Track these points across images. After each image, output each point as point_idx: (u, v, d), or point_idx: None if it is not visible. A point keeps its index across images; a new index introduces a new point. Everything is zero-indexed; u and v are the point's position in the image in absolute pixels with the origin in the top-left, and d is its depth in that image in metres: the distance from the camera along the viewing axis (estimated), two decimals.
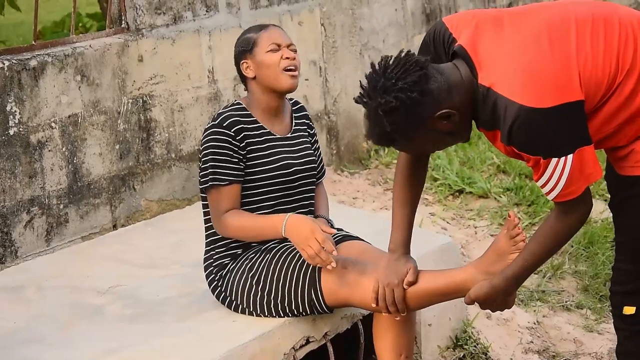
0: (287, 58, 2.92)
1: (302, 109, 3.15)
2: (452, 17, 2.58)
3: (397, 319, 2.78)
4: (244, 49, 2.97)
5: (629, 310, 2.58)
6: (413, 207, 2.78)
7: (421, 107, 2.36)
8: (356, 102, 2.46)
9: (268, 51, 2.93)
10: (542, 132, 2.32)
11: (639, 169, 2.46)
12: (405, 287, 2.71)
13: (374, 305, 2.73)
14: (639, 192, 2.48)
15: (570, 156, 2.33)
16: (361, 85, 2.45)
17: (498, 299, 2.62)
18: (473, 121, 2.52)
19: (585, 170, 2.36)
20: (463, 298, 2.70)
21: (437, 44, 2.55)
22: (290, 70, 2.93)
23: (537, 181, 2.41)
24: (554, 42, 2.37)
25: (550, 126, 2.31)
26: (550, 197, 2.42)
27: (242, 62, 2.98)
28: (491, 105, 2.37)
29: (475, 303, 2.66)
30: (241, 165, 2.90)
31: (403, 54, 2.44)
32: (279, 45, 2.94)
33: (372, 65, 2.45)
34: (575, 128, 2.34)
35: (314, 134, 3.16)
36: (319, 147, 3.18)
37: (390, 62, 2.42)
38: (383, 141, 2.47)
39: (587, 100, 2.35)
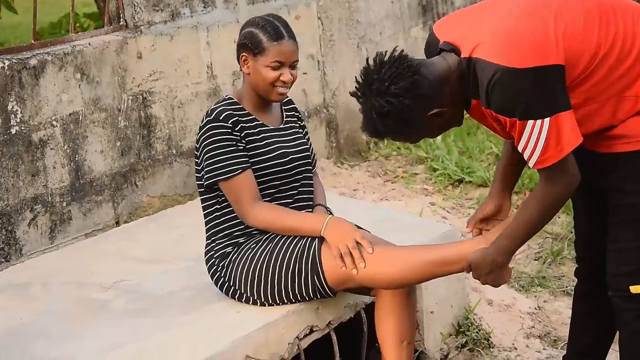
0: (283, 81, 2.93)
1: (290, 101, 3.18)
2: (440, 21, 2.70)
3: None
4: (250, 46, 2.94)
5: (636, 289, 2.61)
6: (511, 168, 2.88)
7: (413, 111, 2.46)
8: (352, 95, 2.54)
9: (269, 66, 2.91)
10: (518, 92, 2.38)
11: (636, 144, 2.52)
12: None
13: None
14: (638, 167, 2.53)
15: (547, 120, 2.37)
16: (356, 80, 2.53)
17: (486, 267, 2.65)
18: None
19: (563, 136, 2.40)
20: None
21: (429, 51, 2.65)
22: (280, 88, 2.95)
23: (517, 146, 2.46)
24: (532, 15, 2.45)
25: (526, 87, 2.37)
26: (531, 163, 2.47)
27: (242, 54, 2.97)
28: (472, 71, 2.45)
29: (471, 271, 2.71)
30: (247, 153, 2.93)
31: (397, 54, 2.51)
32: (282, 64, 2.93)
33: (367, 61, 2.53)
34: (551, 92, 2.40)
35: (304, 126, 3.20)
36: (309, 137, 3.21)
37: (385, 60, 2.49)
38: (376, 137, 2.60)
39: (568, 70, 2.41)
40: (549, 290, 3.98)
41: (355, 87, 2.54)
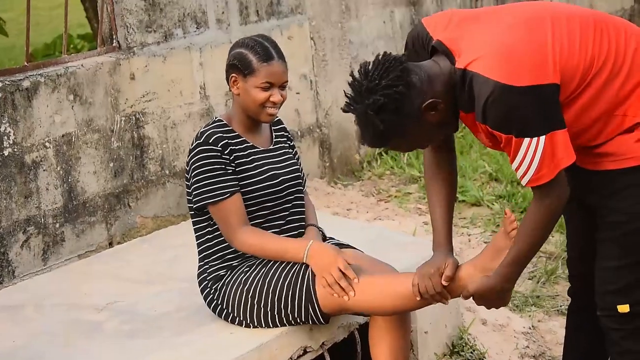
0: (273, 102, 2.93)
1: (280, 122, 3.18)
2: (430, 17, 2.67)
3: (446, 304, 2.80)
4: (239, 67, 2.93)
5: (624, 308, 2.60)
6: (445, 205, 2.79)
7: (409, 99, 2.44)
8: (344, 111, 2.54)
9: (259, 87, 2.91)
10: (515, 110, 2.39)
11: (622, 162, 2.53)
12: (443, 282, 2.71)
13: (418, 298, 2.73)
14: (625, 184, 2.53)
15: (542, 138, 2.39)
16: (346, 94, 2.52)
17: (493, 295, 2.66)
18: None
19: (557, 154, 2.41)
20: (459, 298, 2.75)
21: (417, 45, 2.64)
22: (270, 109, 2.94)
23: (511, 164, 2.47)
24: (530, 30, 2.46)
25: (523, 105, 2.38)
26: (524, 181, 2.47)
27: (232, 75, 2.97)
28: (468, 85, 2.44)
29: (472, 299, 2.70)
30: (236, 176, 2.93)
31: (380, 56, 2.51)
32: (272, 84, 2.92)
33: (352, 74, 2.53)
34: (548, 110, 2.41)
35: (294, 146, 3.20)
36: (299, 157, 3.21)
37: (370, 67, 2.49)
38: (377, 142, 2.53)
39: (562, 87, 2.43)
40: (544, 310, 3.97)
41: (346, 101, 2.52)
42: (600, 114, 2.50)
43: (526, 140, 2.40)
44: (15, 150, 3.62)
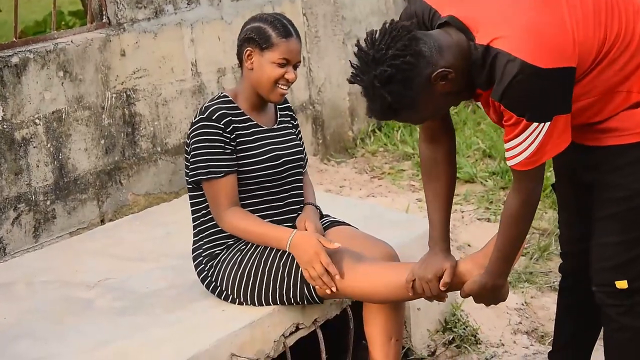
0: (287, 80, 2.89)
1: (285, 101, 3.15)
2: None
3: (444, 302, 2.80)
4: (257, 41, 2.88)
5: (622, 284, 2.58)
6: (443, 200, 2.73)
7: (417, 69, 2.34)
8: (350, 82, 2.42)
9: (276, 62, 2.87)
10: (536, 93, 2.31)
11: (626, 137, 2.49)
12: (442, 288, 2.69)
13: (410, 294, 2.72)
14: (629, 160, 2.50)
15: (547, 123, 2.33)
16: (352, 65, 2.42)
17: (488, 294, 2.65)
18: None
19: (552, 139, 2.36)
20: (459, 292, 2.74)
21: (417, 22, 2.51)
22: (282, 88, 2.91)
23: (506, 142, 2.40)
24: (550, 8, 2.37)
25: (545, 88, 2.31)
26: (514, 162, 2.41)
27: (247, 48, 2.90)
28: (490, 62, 2.34)
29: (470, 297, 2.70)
30: (234, 156, 2.90)
31: (387, 24, 2.40)
32: (288, 62, 2.88)
33: (358, 43, 2.42)
34: (563, 95, 2.35)
35: (297, 125, 3.18)
36: (301, 137, 3.19)
37: (377, 35, 2.38)
38: (386, 114, 2.43)
39: (577, 68, 2.37)
40: (536, 286, 3.97)
41: (352, 72, 2.41)
42: (604, 90, 2.46)
43: (534, 124, 2.33)
44: (5, 126, 3.59)
